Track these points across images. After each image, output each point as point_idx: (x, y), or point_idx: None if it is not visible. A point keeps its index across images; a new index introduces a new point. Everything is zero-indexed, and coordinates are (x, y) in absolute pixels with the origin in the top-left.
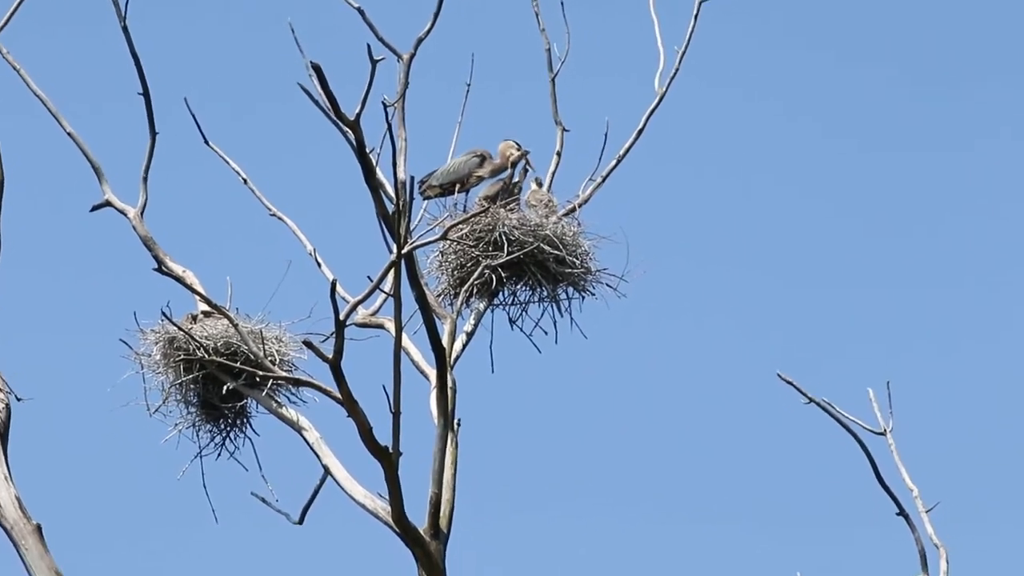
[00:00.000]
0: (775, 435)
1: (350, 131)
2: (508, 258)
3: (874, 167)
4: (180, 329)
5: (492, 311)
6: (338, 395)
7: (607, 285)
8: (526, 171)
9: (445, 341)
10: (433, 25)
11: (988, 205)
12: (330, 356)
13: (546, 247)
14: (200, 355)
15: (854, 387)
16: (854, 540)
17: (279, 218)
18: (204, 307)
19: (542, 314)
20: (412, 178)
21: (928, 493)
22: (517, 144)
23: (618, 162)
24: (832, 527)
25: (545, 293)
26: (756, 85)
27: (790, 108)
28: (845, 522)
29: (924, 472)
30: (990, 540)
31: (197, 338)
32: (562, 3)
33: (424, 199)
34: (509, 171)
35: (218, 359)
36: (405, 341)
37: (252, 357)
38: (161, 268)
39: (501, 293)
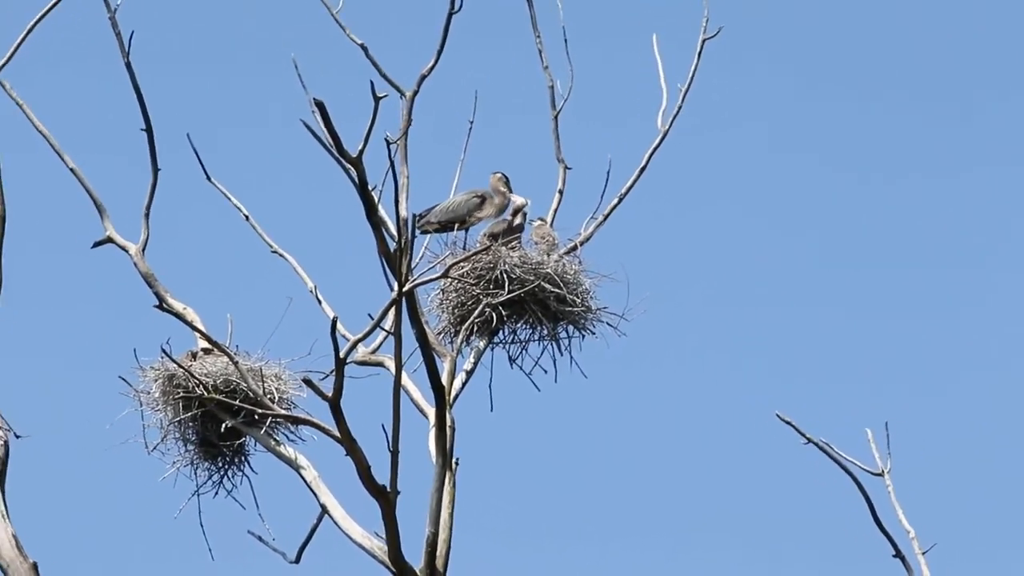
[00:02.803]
0: (773, 475)
1: (352, 168)
2: (509, 296)
3: (877, 203)
4: (180, 366)
5: (492, 349)
6: (337, 433)
7: (607, 324)
8: (525, 215)
9: (445, 379)
10: (436, 62)
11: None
12: (329, 394)
13: (547, 285)
14: (199, 392)
15: (852, 428)
16: None
17: (280, 255)
18: (204, 344)
19: (542, 352)
20: (414, 215)
21: (925, 535)
22: (505, 176)
23: (620, 200)
24: (829, 568)
25: (545, 331)
26: (758, 123)
27: (793, 146)
28: (842, 563)
29: (921, 513)
30: None
31: (197, 375)
32: (565, 41)
33: (421, 233)
34: (510, 216)
35: (217, 396)
36: (405, 379)
37: (251, 395)
38: (162, 305)
39: (501, 331)
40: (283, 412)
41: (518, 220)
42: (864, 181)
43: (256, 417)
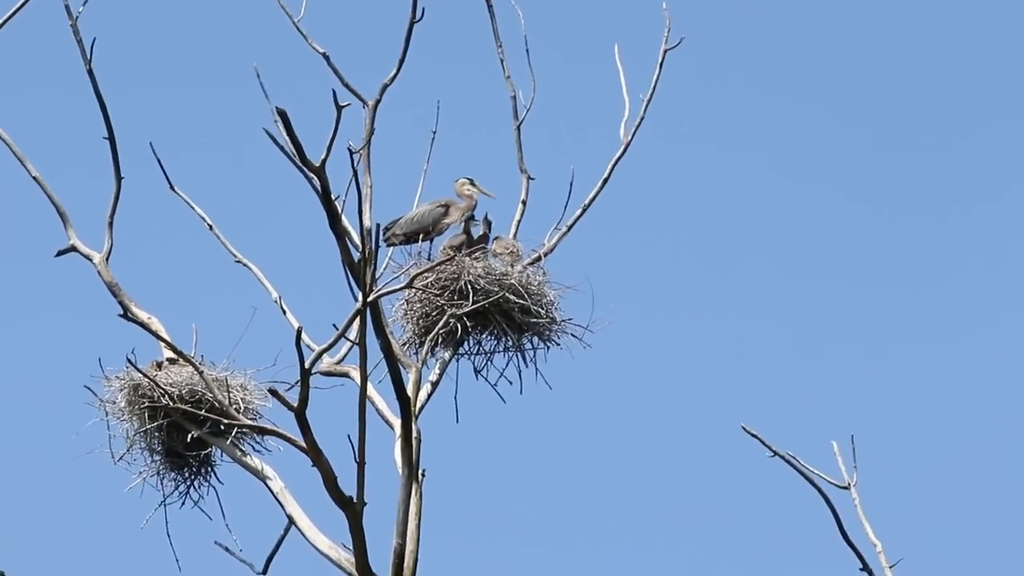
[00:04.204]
0: (739, 488)
1: (315, 177)
2: (473, 307)
3: (843, 214)
4: (145, 376)
5: (457, 360)
6: (303, 444)
7: (572, 335)
8: (490, 224)
9: (410, 391)
10: (399, 71)
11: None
12: (295, 404)
13: (511, 296)
14: (165, 402)
15: (819, 440)
16: None
17: (245, 265)
18: (169, 354)
19: (507, 364)
20: (378, 225)
21: (892, 548)
22: (471, 180)
23: (583, 211)
24: None
25: (510, 343)
26: (721, 134)
27: (757, 156)
28: None
29: (888, 527)
30: None
31: (162, 385)
32: (527, 51)
33: (388, 246)
34: (470, 226)
35: (183, 407)
36: (370, 390)
37: (217, 405)
38: (126, 314)
39: (466, 342)
40: (249, 422)
41: (481, 231)
42: (828, 192)
43: (222, 427)
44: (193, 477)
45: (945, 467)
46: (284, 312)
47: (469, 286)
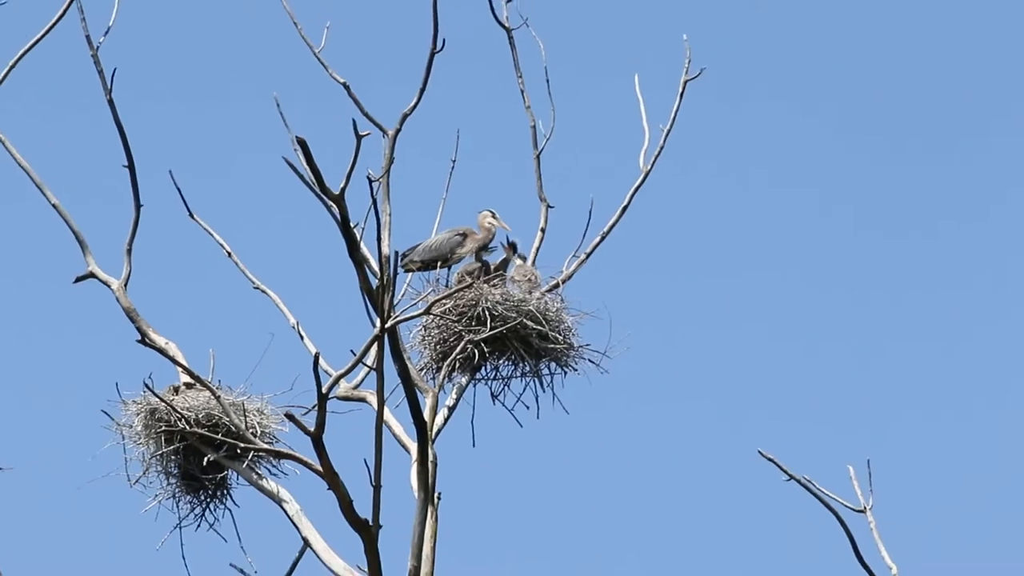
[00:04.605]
0: (756, 512)
1: (335, 205)
2: (491, 333)
3: (863, 241)
4: (162, 400)
5: (474, 386)
6: (319, 468)
7: (590, 361)
8: (515, 246)
9: (427, 415)
10: (419, 101)
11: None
12: (312, 429)
13: (529, 323)
14: (181, 426)
15: (835, 465)
16: None
17: (263, 291)
18: (186, 379)
19: (524, 389)
20: (396, 253)
21: (908, 572)
22: (493, 212)
23: (602, 239)
24: None
25: (527, 368)
26: (740, 162)
27: (776, 183)
28: None
29: (904, 550)
30: None
31: (179, 409)
32: (547, 81)
33: (405, 271)
34: (482, 256)
35: (199, 430)
36: (387, 415)
37: (233, 429)
38: (144, 340)
39: (483, 368)
40: (265, 446)
41: (501, 256)
42: (849, 218)
43: (238, 451)
44: (209, 500)
45: (961, 490)
46: (302, 337)
47: (487, 312)
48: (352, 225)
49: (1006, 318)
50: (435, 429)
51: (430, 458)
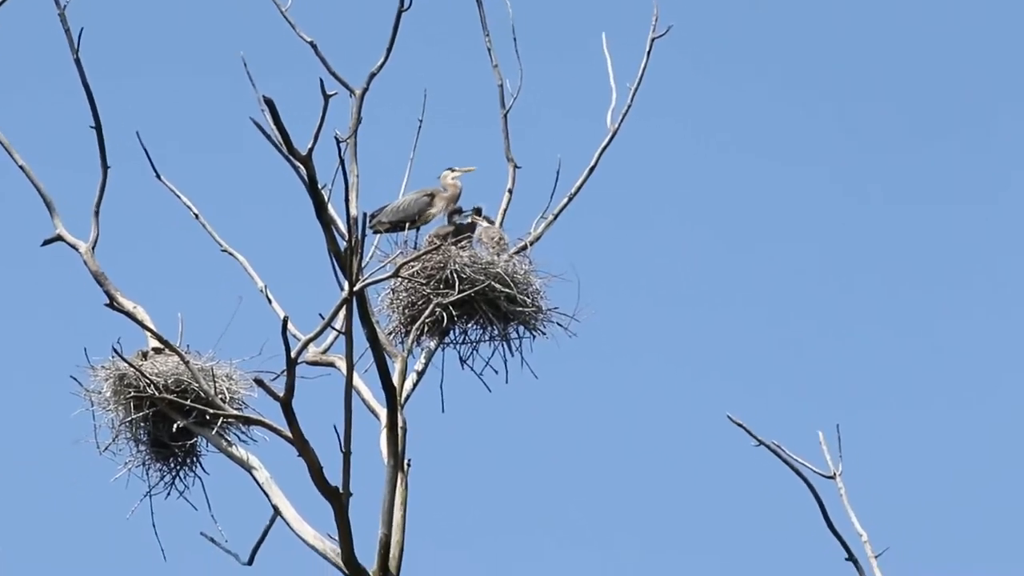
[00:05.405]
0: (724, 477)
1: (302, 166)
2: (459, 296)
3: (829, 206)
4: (131, 366)
5: (443, 350)
6: (289, 434)
7: (558, 324)
8: (479, 211)
9: (396, 380)
10: (386, 60)
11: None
12: (281, 394)
13: (497, 285)
14: (151, 392)
15: (804, 430)
16: None
17: (230, 254)
18: (155, 343)
19: (492, 353)
20: (365, 214)
21: (877, 538)
22: (451, 168)
23: (570, 200)
24: (781, 570)
25: (496, 332)
26: (708, 121)
27: (743, 143)
28: (794, 566)
29: (873, 516)
30: None
31: (148, 375)
32: (515, 39)
33: (374, 233)
34: (456, 219)
35: (168, 396)
36: (356, 380)
37: (203, 394)
38: (112, 304)
39: (452, 332)
40: (234, 412)
41: (468, 219)
42: (816, 180)
43: (207, 417)
44: (179, 467)
45: (931, 456)
46: (270, 301)
47: (455, 275)
48: (320, 186)
49: (978, 293)
50: (404, 394)
51: (399, 424)
